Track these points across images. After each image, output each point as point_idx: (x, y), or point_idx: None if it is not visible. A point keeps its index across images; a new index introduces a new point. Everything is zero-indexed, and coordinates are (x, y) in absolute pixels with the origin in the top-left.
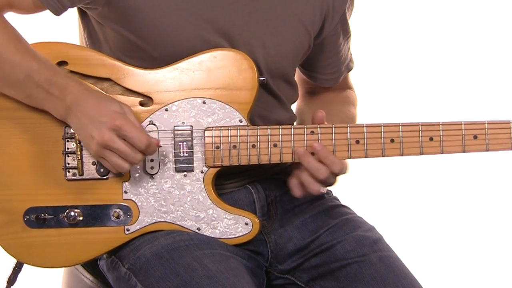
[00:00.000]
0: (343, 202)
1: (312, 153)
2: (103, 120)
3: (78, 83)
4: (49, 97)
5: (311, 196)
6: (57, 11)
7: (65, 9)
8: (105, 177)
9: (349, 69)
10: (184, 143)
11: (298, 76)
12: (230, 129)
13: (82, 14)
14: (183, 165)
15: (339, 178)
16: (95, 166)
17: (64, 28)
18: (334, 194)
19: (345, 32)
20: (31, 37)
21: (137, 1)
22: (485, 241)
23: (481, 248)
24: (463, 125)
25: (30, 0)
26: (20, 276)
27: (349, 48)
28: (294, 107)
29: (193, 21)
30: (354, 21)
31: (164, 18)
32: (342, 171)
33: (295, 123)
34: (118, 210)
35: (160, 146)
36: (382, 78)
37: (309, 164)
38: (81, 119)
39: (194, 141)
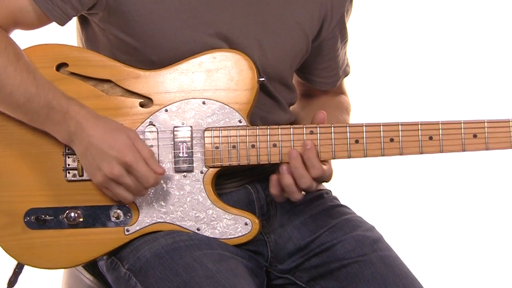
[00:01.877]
0: (342, 202)
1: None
2: (112, 154)
3: (79, 107)
4: (50, 122)
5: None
6: (62, 22)
7: (70, 19)
8: None
9: (346, 73)
10: (184, 144)
11: (294, 78)
12: (230, 130)
13: (82, 18)
14: (183, 166)
15: (320, 184)
16: None
17: (60, 29)
18: (334, 194)
19: (343, 36)
20: (28, 39)
21: (137, 5)
22: (485, 241)
23: (481, 248)
24: (462, 124)
25: (34, 15)
26: (20, 277)
27: (345, 53)
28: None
29: (191, 24)
30: (354, 20)
31: (163, 22)
32: (322, 178)
33: None
34: (118, 211)
35: (164, 173)
36: (381, 77)
37: (296, 170)
38: (88, 149)
39: (194, 142)
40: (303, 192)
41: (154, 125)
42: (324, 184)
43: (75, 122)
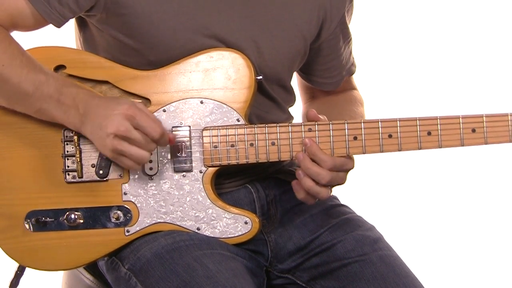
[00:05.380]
0: (342, 202)
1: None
2: (115, 112)
3: (87, 91)
4: (60, 107)
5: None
6: (60, 24)
7: (67, 21)
8: (104, 179)
9: (350, 73)
10: (183, 143)
11: (302, 82)
12: (228, 128)
13: (80, 19)
14: (182, 165)
15: (347, 175)
16: (94, 169)
17: (58, 30)
18: (334, 193)
19: (345, 36)
20: (26, 41)
21: (135, 7)
22: (485, 240)
23: (481, 247)
24: (461, 118)
25: (32, 17)
26: (21, 279)
27: (350, 52)
28: (291, 109)
29: (190, 26)
30: (352, 18)
31: (161, 24)
32: (339, 167)
33: None
34: (117, 211)
35: (173, 143)
36: (379, 73)
37: (309, 171)
38: (95, 121)
39: (193, 141)
40: (330, 189)
41: None
42: None
43: (84, 103)
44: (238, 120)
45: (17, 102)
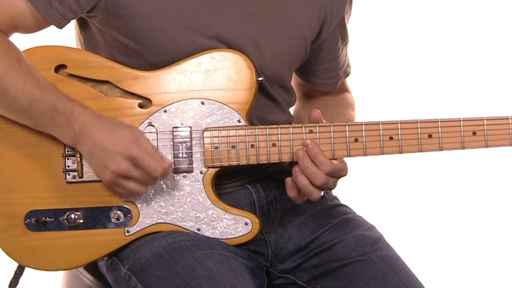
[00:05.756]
0: (342, 202)
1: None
2: (117, 150)
3: (83, 109)
4: (54, 125)
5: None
6: (61, 25)
7: (69, 22)
8: None
9: (346, 74)
10: (183, 144)
11: (295, 79)
12: (229, 129)
13: (81, 20)
14: (182, 166)
15: (338, 181)
16: None
17: (59, 31)
18: (334, 193)
19: (343, 37)
20: (26, 40)
21: (135, 8)
22: (485, 240)
23: (481, 247)
24: (461, 121)
25: (33, 19)
26: (21, 279)
27: (346, 54)
28: (291, 110)
29: (190, 27)
30: (352, 19)
31: (162, 25)
32: (335, 173)
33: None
34: (118, 212)
35: (172, 166)
36: (380, 75)
37: (306, 169)
38: (93, 148)
39: (193, 142)
40: (321, 192)
41: (153, 126)
42: None
43: (80, 123)
44: (239, 121)
45: (12, 114)
